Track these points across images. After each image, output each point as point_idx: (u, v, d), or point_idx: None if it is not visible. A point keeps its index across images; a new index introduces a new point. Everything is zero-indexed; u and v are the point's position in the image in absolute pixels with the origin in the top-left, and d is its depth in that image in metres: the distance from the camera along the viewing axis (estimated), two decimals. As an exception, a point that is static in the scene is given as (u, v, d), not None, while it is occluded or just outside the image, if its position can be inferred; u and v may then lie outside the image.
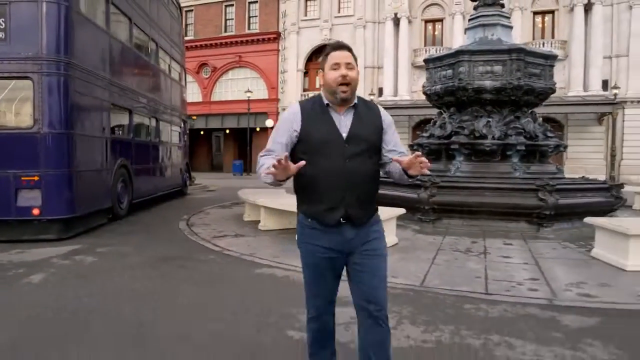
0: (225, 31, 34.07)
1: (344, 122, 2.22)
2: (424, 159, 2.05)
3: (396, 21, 29.37)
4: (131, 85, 10.19)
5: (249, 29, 33.54)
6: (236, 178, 27.88)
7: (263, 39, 32.64)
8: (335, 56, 2.19)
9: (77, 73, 7.54)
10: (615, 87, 24.98)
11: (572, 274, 5.50)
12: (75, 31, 7.50)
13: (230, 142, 36.03)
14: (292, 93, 32.11)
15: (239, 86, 33.56)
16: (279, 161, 1.94)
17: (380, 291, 2.27)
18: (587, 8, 26.53)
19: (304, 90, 32.54)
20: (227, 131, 35.23)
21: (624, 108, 26.53)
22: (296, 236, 2.38)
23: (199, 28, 34.82)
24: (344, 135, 2.20)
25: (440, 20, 30.06)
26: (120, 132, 9.82)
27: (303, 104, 2.30)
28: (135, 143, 10.48)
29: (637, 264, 5.75)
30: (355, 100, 2.27)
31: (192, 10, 34.44)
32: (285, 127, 2.24)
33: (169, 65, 13.70)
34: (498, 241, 7.40)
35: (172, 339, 3.53)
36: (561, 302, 4.46)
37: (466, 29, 10.97)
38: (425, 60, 11.16)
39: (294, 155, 2.23)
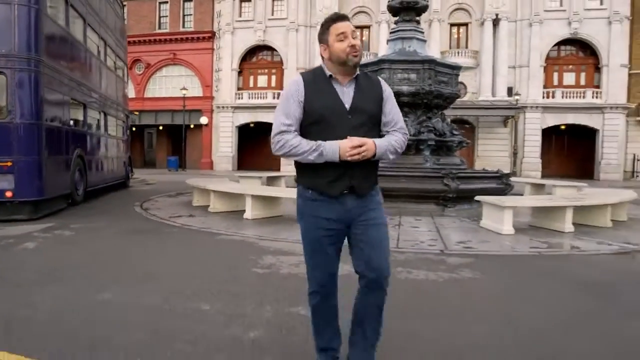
0: (159, 28, 34.22)
1: (346, 94, 2.25)
2: (354, 150, 2.13)
3: (327, 26, 31.08)
4: (86, 82, 10.97)
5: (183, 27, 33.92)
6: (172, 173, 28.33)
7: (198, 38, 33.18)
8: (340, 27, 2.21)
9: (46, 70, 8.36)
10: (517, 94, 28.39)
11: (462, 237, 7.28)
12: (44, 31, 8.33)
13: (163, 139, 36.14)
14: (227, 91, 32.96)
15: (173, 83, 33.86)
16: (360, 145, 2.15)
17: (381, 258, 2.29)
18: (495, 23, 29.78)
19: (238, 89, 33.49)
20: (161, 127, 35.34)
21: (524, 112, 30.07)
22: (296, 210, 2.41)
23: (132, 24, 34.62)
24: (347, 106, 2.22)
25: (368, 27, 32.27)
26: (77, 124, 10.57)
27: (305, 76, 2.32)
28: (89, 135, 11.25)
29: (509, 229, 7.65)
30: (357, 72, 2.30)
31: (125, 6, 34.16)
32: (293, 98, 2.24)
33: (115, 63, 14.39)
34: (411, 218, 9.13)
35: (165, 273, 4.79)
36: (450, 252, 6.16)
37: (388, 40, 12.76)
38: (353, 67, 12.80)
39: (300, 127, 2.26)
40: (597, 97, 30.02)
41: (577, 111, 30.00)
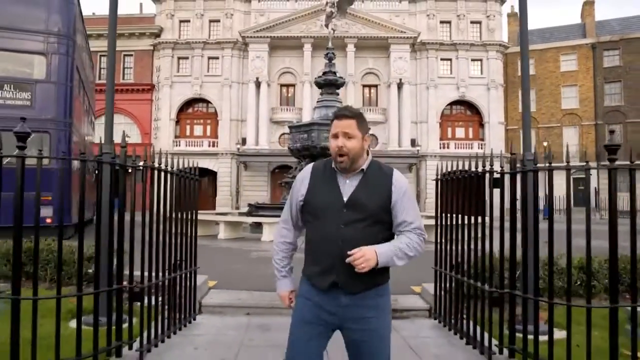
0: (100, 79, 36.44)
1: (348, 187, 2.16)
2: (356, 261, 1.96)
3: (257, 84, 35.38)
4: (84, 133, 14.00)
5: (123, 78, 36.48)
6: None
7: (138, 89, 35.85)
8: (335, 125, 2.15)
9: (74, 129, 11.49)
10: (418, 145, 34.12)
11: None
12: (73, 102, 11.50)
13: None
14: (165, 139, 35.71)
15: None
16: (289, 305, 2.31)
17: None
18: (399, 86, 35.68)
19: (176, 137, 36.41)
20: (97, 171, 36.88)
21: (425, 160, 35.82)
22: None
23: (70, 74, 36.71)
24: (344, 199, 2.13)
25: (293, 85, 36.97)
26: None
27: (315, 167, 2.29)
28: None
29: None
30: (364, 166, 2.18)
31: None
32: (294, 191, 2.28)
33: (91, 117, 17.34)
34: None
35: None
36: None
37: (315, 108, 16.99)
38: (289, 127, 16.88)
39: (303, 215, 2.27)
40: (481, 148, 36.48)
41: (467, 159, 36.18)
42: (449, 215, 4.61)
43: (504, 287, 3.54)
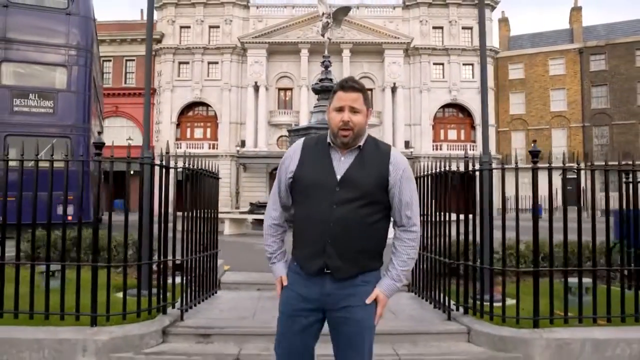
0: (102, 83, 37.44)
1: (342, 164, 2.03)
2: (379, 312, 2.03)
3: (256, 88, 36.48)
4: (97, 137, 15.05)
5: (125, 83, 37.53)
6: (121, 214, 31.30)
7: (140, 93, 36.80)
8: (341, 97, 2.01)
9: (90, 134, 12.52)
10: (411, 147, 35.29)
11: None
12: (90, 108, 12.54)
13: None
14: (166, 142, 36.73)
15: (115, 134, 36.83)
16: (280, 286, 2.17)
17: None
18: (393, 90, 36.85)
19: (177, 139, 37.42)
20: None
21: (419, 162, 36.88)
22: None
23: (73, 78, 37.65)
24: (338, 177, 2.01)
25: (290, 89, 38.12)
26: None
27: (307, 141, 2.16)
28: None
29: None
30: (361, 142, 2.07)
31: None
32: (283, 168, 2.16)
33: (101, 120, 18.38)
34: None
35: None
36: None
37: (312, 112, 18.07)
38: (288, 130, 17.99)
39: (292, 194, 2.16)
40: (473, 150, 37.66)
41: (460, 161, 37.40)
42: (424, 207, 5.69)
43: (459, 260, 4.64)
